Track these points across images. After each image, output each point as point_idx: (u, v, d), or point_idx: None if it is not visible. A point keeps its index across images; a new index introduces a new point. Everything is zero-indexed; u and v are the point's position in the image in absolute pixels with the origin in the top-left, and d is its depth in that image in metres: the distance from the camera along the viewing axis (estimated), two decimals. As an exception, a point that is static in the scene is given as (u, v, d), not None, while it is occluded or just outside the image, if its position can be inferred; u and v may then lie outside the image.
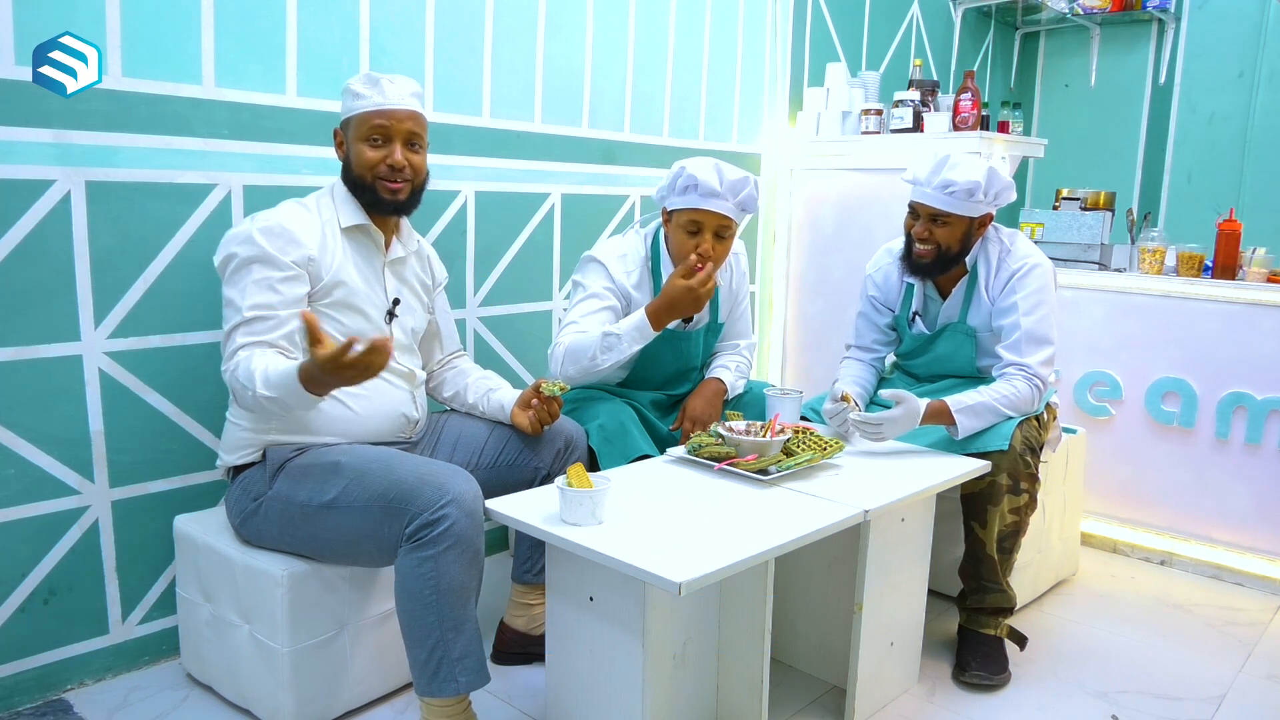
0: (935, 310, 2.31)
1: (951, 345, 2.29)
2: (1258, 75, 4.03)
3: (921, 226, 2.17)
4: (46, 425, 1.86)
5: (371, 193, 1.84)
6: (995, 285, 2.21)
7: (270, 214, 1.78)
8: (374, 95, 1.81)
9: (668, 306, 2.04)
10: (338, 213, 1.85)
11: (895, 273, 2.35)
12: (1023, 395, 2.10)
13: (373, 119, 1.82)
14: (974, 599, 2.15)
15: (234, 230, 1.79)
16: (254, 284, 1.72)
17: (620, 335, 2.05)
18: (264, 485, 1.78)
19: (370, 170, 1.83)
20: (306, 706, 1.80)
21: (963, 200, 2.11)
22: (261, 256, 1.72)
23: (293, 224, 1.76)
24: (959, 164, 2.12)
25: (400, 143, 1.83)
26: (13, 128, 1.74)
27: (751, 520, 1.65)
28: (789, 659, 2.12)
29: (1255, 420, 2.66)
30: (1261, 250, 2.70)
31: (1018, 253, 2.20)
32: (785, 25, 3.45)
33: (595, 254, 2.24)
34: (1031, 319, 2.14)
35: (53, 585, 1.91)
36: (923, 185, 2.15)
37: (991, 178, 2.12)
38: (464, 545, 1.62)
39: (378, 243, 1.90)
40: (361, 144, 1.83)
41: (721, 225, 2.14)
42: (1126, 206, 3.63)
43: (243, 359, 1.67)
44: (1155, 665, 2.21)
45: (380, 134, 1.82)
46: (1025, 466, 2.06)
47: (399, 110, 1.82)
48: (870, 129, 3.26)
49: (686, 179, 2.10)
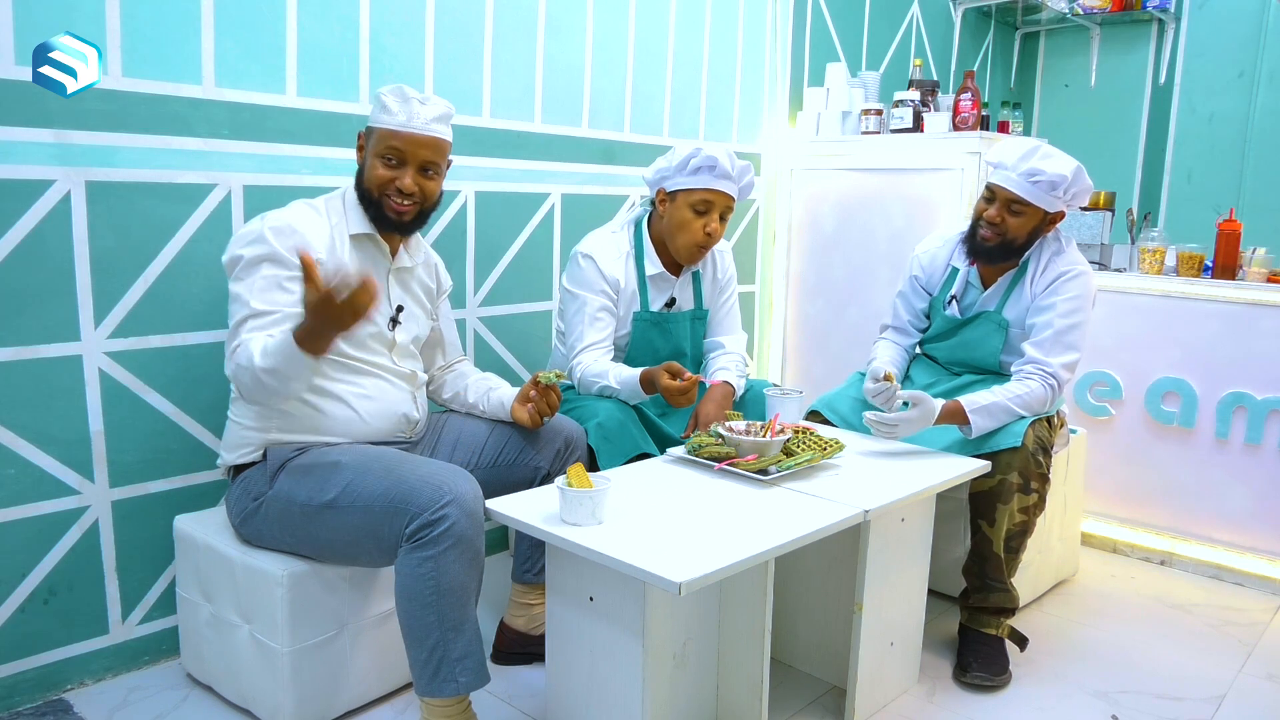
0: (974, 297, 2.31)
1: (980, 333, 2.29)
2: (1258, 75, 4.03)
3: (995, 211, 2.16)
4: (46, 425, 1.86)
5: (378, 208, 1.84)
6: (1040, 283, 2.21)
7: (281, 214, 1.78)
8: (400, 114, 1.80)
9: (649, 383, 2.12)
10: (346, 219, 1.85)
11: (943, 255, 2.36)
12: (1036, 395, 2.10)
13: (392, 139, 1.81)
14: (977, 598, 2.15)
15: (244, 229, 1.79)
16: (263, 281, 1.72)
17: (618, 390, 2.17)
18: (264, 485, 1.78)
19: (379, 188, 1.82)
20: (306, 706, 1.80)
21: (1044, 191, 2.10)
22: (271, 255, 1.72)
23: (303, 225, 1.77)
24: (1050, 155, 2.12)
25: (414, 168, 1.83)
26: (13, 128, 1.74)
27: (751, 520, 1.65)
28: (789, 659, 2.12)
29: (1255, 420, 2.66)
30: (1261, 250, 2.70)
31: (1069, 257, 2.21)
32: (785, 25, 3.45)
33: (583, 249, 2.29)
34: (1066, 322, 2.14)
35: (53, 585, 1.91)
36: (1007, 170, 2.14)
37: (1077, 176, 2.12)
38: (464, 545, 1.62)
39: (384, 251, 1.90)
40: (377, 160, 1.82)
41: (727, 206, 2.25)
42: (1126, 206, 3.63)
43: (243, 344, 1.68)
44: (1155, 665, 2.21)
45: (396, 155, 1.82)
46: (1036, 466, 2.06)
47: (420, 136, 1.81)
48: (870, 129, 3.26)
49: (703, 159, 2.19)
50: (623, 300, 2.28)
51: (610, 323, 2.26)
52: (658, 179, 2.26)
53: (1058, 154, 2.14)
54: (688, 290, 2.38)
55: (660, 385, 2.06)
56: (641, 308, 2.30)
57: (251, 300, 1.71)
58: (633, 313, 2.29)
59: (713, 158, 2.18)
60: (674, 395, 2.05)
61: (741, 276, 3.41)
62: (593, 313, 2.23)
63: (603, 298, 2.24)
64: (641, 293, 2.30)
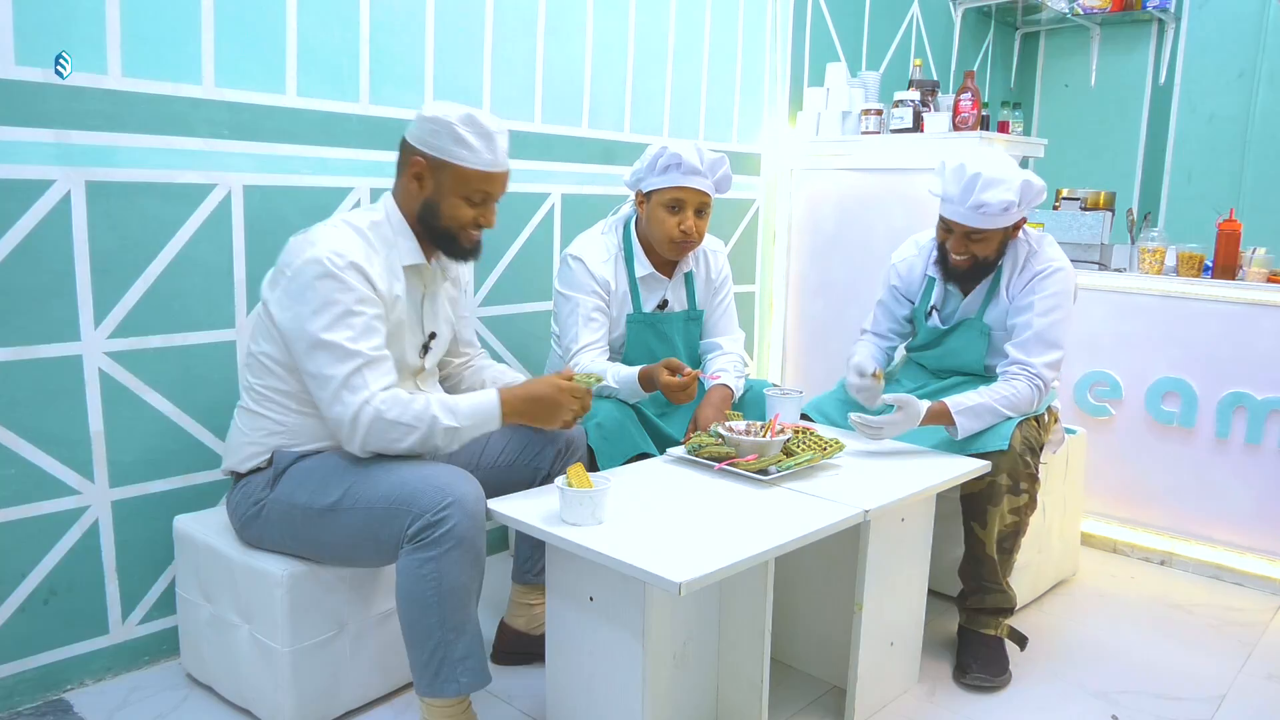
0: (954, 305, 2.31)
1: (964, 341, 2.29)
2: (1258, 75, 4.03)
3: (956, 242, 2.15)
4: (46, 425, 1.86)
5: (451, 241, 1.81)
6: (1016, 284, 2.20)
7: (344, 249, 1.68)
8: (485, 151, 1.75)
9: (648, 381, 2.12)
10: (397, 248, 1.79)
11: (919, 265, 2.35)
12: (1022, 396, 2.10)
13: (483, 183, 1.77)
14: (974, 599, 2.15)
15: (309, 260, 1.66)
16: (361, 324, 1.67)
17: (617, 389, 2.17)
18: (265, 490, 1.77)
19: (460, 225, 1.80)
20: (306, 707, 1.80)
21: (996, 216, 2.07)
22: (363, 298, 1.68)
23: (365, 263, 1.70)
24: (992, 183, 2.05)
25: (494, 202, 1.82)
26: (13, 128, 1.74)
27: (751, 520, 1.65)
28: (789, 659, 2.12)
29: (1255, 420, 2.66)
30: (1261, 250, 2.70)
31: (1043, 255, 2.20)
32: (785, 25, 3.44)
33: (572, 251, 2.29)
34: (1045, 320, 2.14)
35: (53, 585, 1.91)
36: (954, 204, 2.10)
37: (1025, 191, 2.07)
38: (466, 546, 1.62)
39: (425, 279, 1.88)
40: (458, 199, 1.77)
41: (701, 202, 2.24)
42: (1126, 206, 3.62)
43: (393, 398, 1.65)
44: (1155, 665, 2.21)
45: (484, 197, 1.79)
46: (1025, 466, 2.06)
47: (505, 173, 1.80)
48: (870, 129, 3.26)
49: (669, 157, 2.19)
50: (614, 302, 2.28)
51: (604, 323, 2.26)
52: (634, 181, 2.28)
53: (999, 175, 2.05)
54: (680, 291, 2.38)
55: (660, 382, 2.06)
56: (634, 309, 2.30)
57: (360, 346, 1.65)
58: (626, 315, 2.29)
59: (678, 155, 2.17)
60: (674, 391, 2.05)
61: (741, 276, 3.41)
62: (586, 314, 2.23)
63: (595, 298, 2.24)
64: (633, 294, 2.30)
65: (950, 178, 2.12)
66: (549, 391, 1.77)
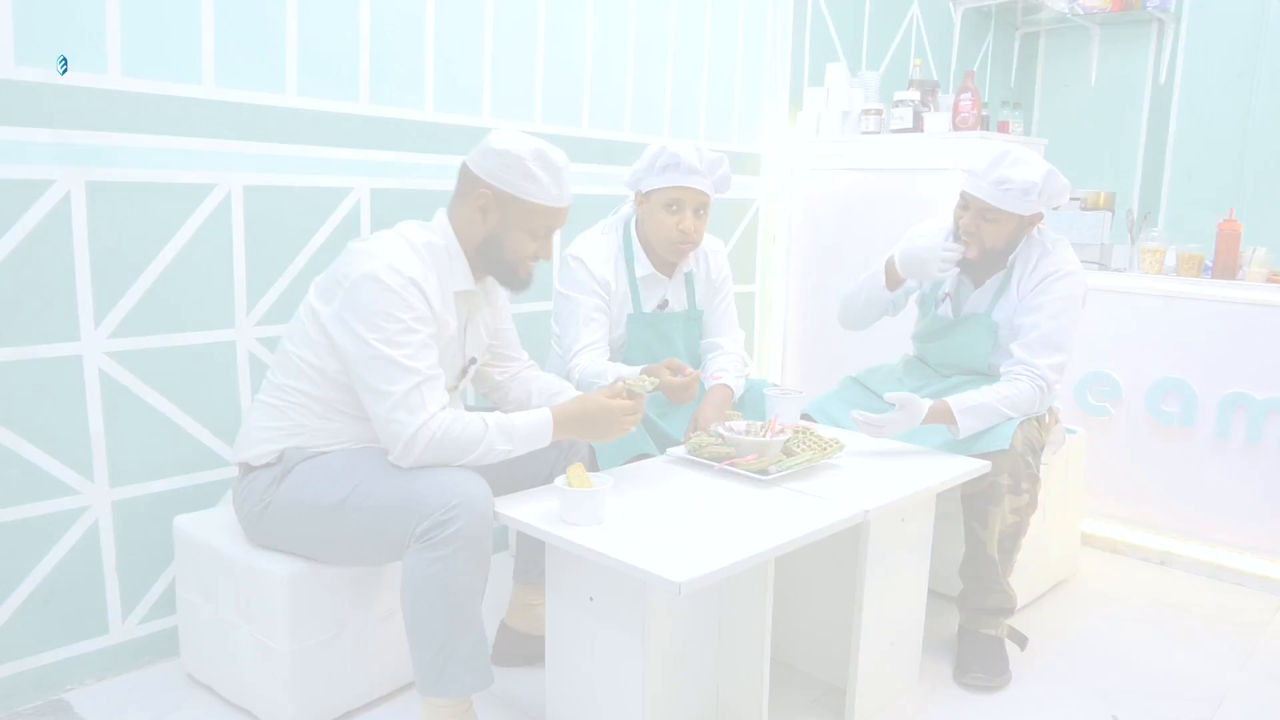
0: (965, 295, 2.31)
1: (971, 336, 2.29)
2: (1258, 75, 4.03)
3: (970, 219, 2.17)
4: (46, 425, 1.86)
5: (510, 272, 1.82)
6: (1027, 284, 2.21)
7: (403, 264, 1.68)
8: (553, 186, 1.76)
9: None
10: (452, 272, 1.79)
11: None
12: (1025, 396, 2.10)
13: (548, 218, 1.78)
14: (974, 599, 2.15)
15: (370, 279, 1.64)
16: (420, 340, 1.67)
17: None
18: (272, 488, 1.77)
19: (521, 258, 1.81)
20: (306, 707, 1.80)
21: (1016, 197, 2.10)
22: (421, 316, 1.68)
23: (424, 283, 1.70)
24: (1019, 161, 2.11)
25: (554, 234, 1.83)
26: (13, 128, 1.74)
27: (751, 520, 1.65)
28: (789, 659, 2.12)
29: (1255, 420, 2.66)
30: (1261, 250, 2.70)
31: (1057, 257, 2.20)
32: (785, 25, 3.44)
33: (572, 251, 2.29)
34: (1053, 323, 2.14)
35: (53, 585, 1.91)
36: (978, 178, 2.14)
37: (1049, 180, 2.11)
38: (474, 547, 1.61)
39: (471, 306, 1.87)
40: (523, 233, 1.77)
41: (700, 202, 2.23)
42: (1126, 206, 3.63)
43: (452, 419, 1.66)
44: (1155, 665, 2.21)
45: (547, 230, 1.80)
46: (1026, 467, 2.06)
47: (569, 207, 1.81)
48: (870, 129, 3.26)
49: (668, 157, 2.19)
50: (614, 301, 2.28)
51: (605, 322, 2.26)
52: (634, 180, 2.27)
53: (1028, 159, 2.12)
54: (681, 291, 2.38)
55: (661, 381, 2.06)
56: (634, 309, 2.30)
57: (419, 364, 1.65)
58: (626, 314, 2.29)
59: (676, 154, 2.17)
60: (675, 391, 2.04)
61: (741, 276, 3.41)
62: (587, 313, 2.23)
63: (595, 298, 2.24)
64: (633, 294, 2.30)
65: (983, 156, 2.16)
66: (600, 410, 1.76)
